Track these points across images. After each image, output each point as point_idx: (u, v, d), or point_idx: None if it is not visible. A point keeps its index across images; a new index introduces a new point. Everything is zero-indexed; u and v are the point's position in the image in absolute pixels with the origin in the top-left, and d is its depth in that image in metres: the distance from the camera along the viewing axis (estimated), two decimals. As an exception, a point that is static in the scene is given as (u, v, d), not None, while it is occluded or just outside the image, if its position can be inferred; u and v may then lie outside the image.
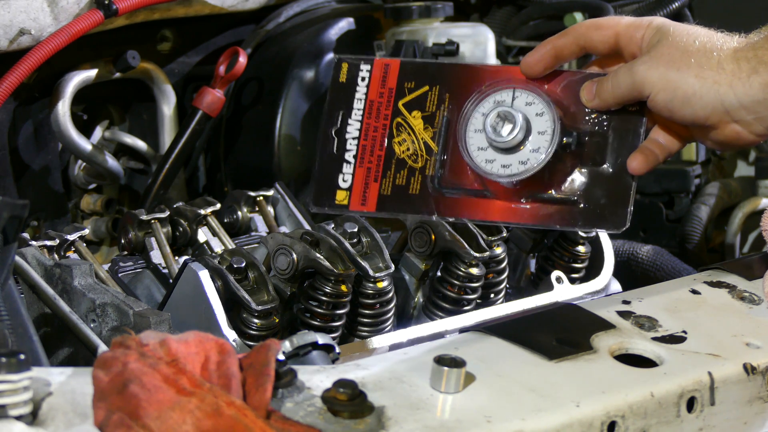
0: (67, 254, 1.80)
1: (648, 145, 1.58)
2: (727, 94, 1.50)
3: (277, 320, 1.63)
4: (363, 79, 1.65)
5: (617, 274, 1.91)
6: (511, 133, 1.56)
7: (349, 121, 1.64)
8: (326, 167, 1.64)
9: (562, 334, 1.47)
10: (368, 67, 1.65)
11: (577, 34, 1.60)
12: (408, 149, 1.62)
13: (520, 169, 1.57)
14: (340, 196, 1.63)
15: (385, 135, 1.63)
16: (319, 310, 1.66)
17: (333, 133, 1.64)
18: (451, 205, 1.60)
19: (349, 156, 1.63)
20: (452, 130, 1.61)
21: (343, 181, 1.63)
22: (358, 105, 1.64)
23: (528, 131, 1.57)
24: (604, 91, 1.56)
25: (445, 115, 1.62)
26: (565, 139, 1.57)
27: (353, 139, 1.63)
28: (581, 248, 1.88)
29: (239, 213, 1.96)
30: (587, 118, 1.59)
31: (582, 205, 1.57)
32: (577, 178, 1.58)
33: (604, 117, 1.58)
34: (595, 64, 1.64)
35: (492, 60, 2.35)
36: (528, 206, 1.59)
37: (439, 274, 1.78)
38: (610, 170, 1.58)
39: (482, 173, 1.58)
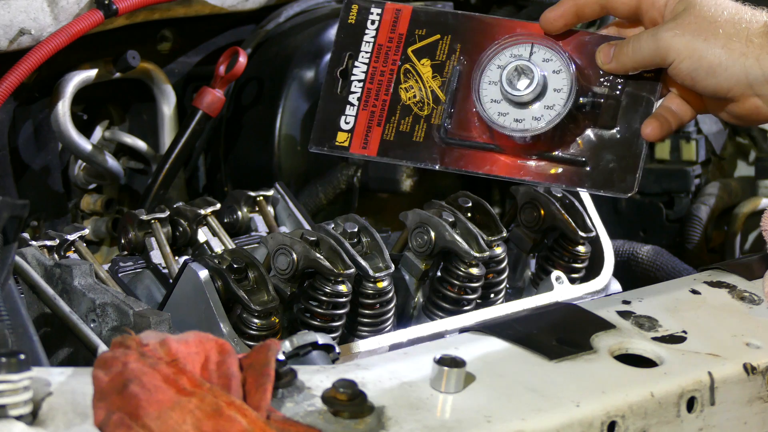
0: (67, 254, 1.80)
1: (662, 111, 1.56)
2: (753, 66, 1.49)
3: (277, 320, 1.63)
4: (373, 22, 1.62)
5: (617, 274, 1.91)
6: (528, 88, 1.53)
7: (356, 64, 1.62)
8: (329, 108, 1.61)
9: (562, 334, 1.47)
10: (379, 10, 1.63)
11: None
12: (414, 96, 1.60)
13: (533, 125, 1.54)
14: (341, 138, 1.60)
15: (391, 80, 1.61)
16: (319, 310, 1.66)
17: (338, 73, 1.62)
18: (456, 156, 1.58)
19: (353, 98, 1.61)
20: (462, 81, 1.59)
21: (345, 123, 1.60)
22: (366, 48, 1.62)
23: (544, 87, 1.55)
24: (624, 54, 1.54)
25: (455, 65, 1.61)
26: (581, 99, 1.55)
27: (359, 81, 1.61)
28: (581, 248, 1.88)
29: (239, 213, 1.96)
30: (601, 80, 1.57)
31: (590, 167, 1.56)
32: (588, 140, 1.57)
33: (619, 81, 1.56)
34: (612, 26, 1.63)
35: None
36: (535, 164, 1.56)
37: (439, 274, 1.78)
38: (621, 135, 1.55)
39: (494, 126, 1.55)
